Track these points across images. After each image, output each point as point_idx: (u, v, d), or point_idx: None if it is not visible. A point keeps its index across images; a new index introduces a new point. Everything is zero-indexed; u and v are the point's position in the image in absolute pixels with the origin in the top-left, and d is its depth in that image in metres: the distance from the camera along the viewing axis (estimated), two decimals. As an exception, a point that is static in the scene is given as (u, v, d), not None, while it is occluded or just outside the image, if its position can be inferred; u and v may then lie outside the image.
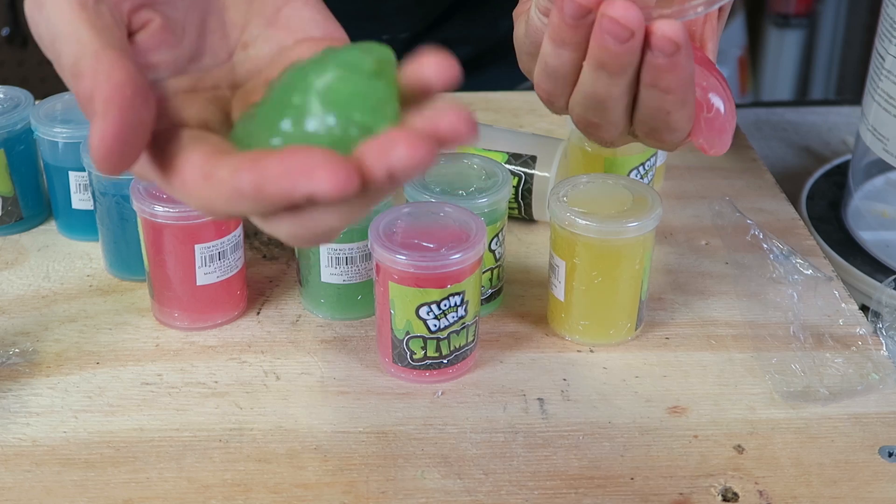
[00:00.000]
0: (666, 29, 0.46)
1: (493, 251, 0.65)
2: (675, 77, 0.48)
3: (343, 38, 0.46)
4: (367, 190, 0.35)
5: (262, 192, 0.35)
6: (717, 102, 0.52)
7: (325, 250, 0.64)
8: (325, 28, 0.46)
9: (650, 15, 0.47)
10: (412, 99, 0.38)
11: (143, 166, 0.40)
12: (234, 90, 0.44)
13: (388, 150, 0.34)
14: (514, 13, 0.56)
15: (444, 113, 0.35)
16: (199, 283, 0.63)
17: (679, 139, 0.52)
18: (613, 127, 0.52)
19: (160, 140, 0.39)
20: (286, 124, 0.37)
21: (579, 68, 0.50)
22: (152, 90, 0.39)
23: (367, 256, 0.64)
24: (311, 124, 0.36)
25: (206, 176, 0.37)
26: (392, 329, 0.60)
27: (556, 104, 0.53)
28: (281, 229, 0.38)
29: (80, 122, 0.71)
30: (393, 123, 0.36)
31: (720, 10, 0.54)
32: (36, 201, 0.76)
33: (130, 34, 0.41)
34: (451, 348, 0.60)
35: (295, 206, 0.36)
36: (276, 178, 0.35)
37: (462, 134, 0.35)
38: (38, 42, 0.40)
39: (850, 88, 2.09)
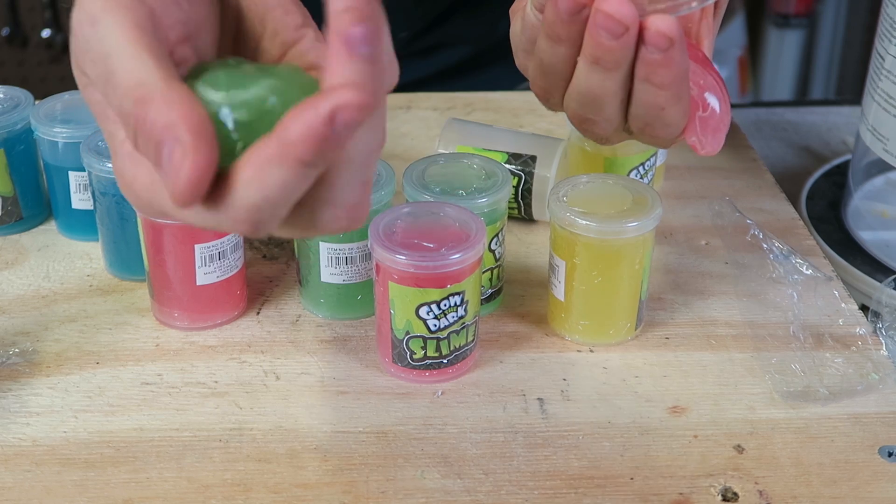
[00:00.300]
0: (660, 24, 0.46)
1: (493, 251, 0.65)
2: (670, 72, 0.48)
3: None
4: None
5: (286, 142, 0.36)
6: (713, 102, 0.52)
7: (325, 250, 0.64)
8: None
9: (644, 10, 0.47)
10: None
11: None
12: None
13: (329, 94, 0.36)
14: (510, 10, 0.56)
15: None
16: (199, 283, 0.63)
17: (673, 135, 0.52)
18: (608, 123, 0.52)
19: None
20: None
21: (574, 64, 0.50)
22: None
23: (367, 256, 0.64)
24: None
25: (231, 183, 0.38)
26: (392, 329, 0.60)
27: (552, 100, 0.54)
28: (316, 216, 0.39)
29: (80, 122, 0.71)
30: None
31: (716, 7, 0.54)
32: (36, 201, 0.76)
33: None
34: (451, 348, 0.60)
35: (320, 161, 0.37)
36: (294, 117, 0.36)
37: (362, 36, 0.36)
38: (81, 55, 0.40)
39: (850, 88, 2.09)
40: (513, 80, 1.01)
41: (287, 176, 0.36)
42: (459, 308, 0.59)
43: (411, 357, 0.60)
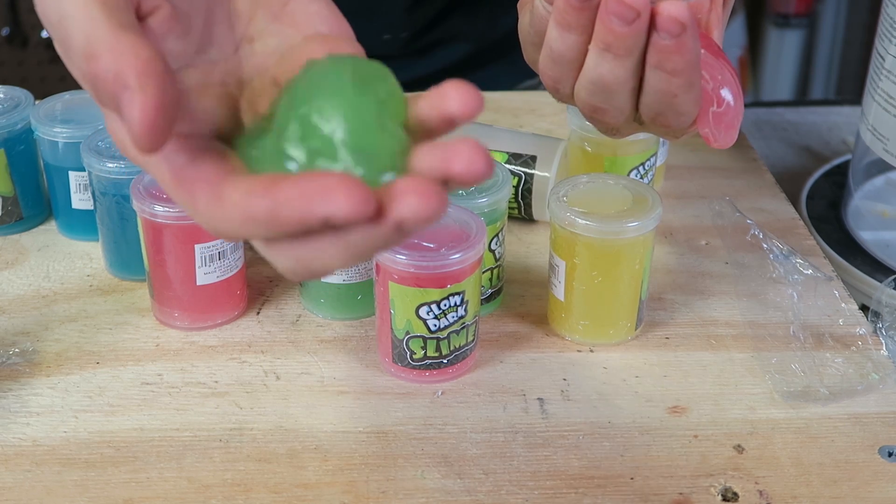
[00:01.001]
0: (672, 10, 0.46)
1: (493, 251, 0.65)
2: (681, 59, 0.47)
3: (350, 34, 0.45)
4: (375, 230, 0.35)
5: (276, 216, 0.35)
6: (729, 97, 0.52)
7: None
8: (332, 24, 0.45)
9: None
10: (428, 129, 0.38)
11: (158, 164, 0.39)
12: (241, 88, 0.43)
13: (400, 198, 0.34)
14: (518, 4, 0.56)
15: (458, 150, 0.35)
16: (199, 282, 0.63)
17: (685, 123, 0.51)
18: (619, 112, 0.52)
19: (174, 145, 0.39)
20: (299, 153, 0.36)
21: (585, 52, 0.50)
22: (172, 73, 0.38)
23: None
24: (323, 161, 0.36)
25: (218, 197, 0.37)
26: (392, 329, 0.60)
27: (562, 91, 0.53)
28: (282, 259, 0.38)
29: (80, 122, 0.71)
30: (403, 158, 0.36)
31: None
32: (36, 201, 0.76)
33: (139, 19, 0.40)
34: (451, 348, 0.60)
35: (306, 232, 0.35)
36: (292, 200, 0.34)
37: (478, 172, 0.35)
38: (43, 23, 0.39)
39: (850, 88, 2.09)
40: (513, 79, 1.01)
41: (268, 233, 0.36)
42: (459, 308, 0.59)
43: (411, 357, 0.60)
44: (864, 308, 0.70)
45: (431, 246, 0.58)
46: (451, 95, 0.37)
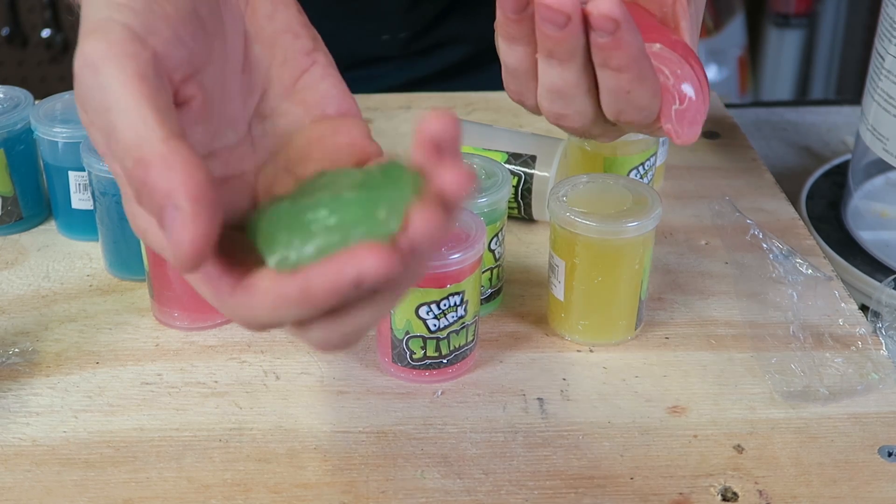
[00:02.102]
0: (602, 7, 0.45)
1: (492, 251, 0.65)
2: (624, 54, 0.47)
3: (356, 112, 0.46)
4: (400, 271, 0.36)
5: (308, 291, 0.35)
6: (689, 92, 0.51)
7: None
8: (340, 103, 0.46)
9: None
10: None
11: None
12: (257, 175, 0.44)
13: (411, 227, 0.35)
14: (495, 24, 0.56)
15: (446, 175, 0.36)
16: (198, 282, 0.63)
17: (649, 118, 0.51)
18: (581, 115, 0.51)
19: None
20: (315, 243, 0.37)
21: (536, 62, 0.50)
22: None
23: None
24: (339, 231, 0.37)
25: (246, 288, 0.37)
26: (392, 329, 0.60)
27: (527, 103, 0.53)
28: (314, 335, 0.38)
29: (80, 122, 0.71)
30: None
31: None
32: (36, 201, 0.76)
33: (175, 107, 0.40)
34: (451, 348, 0.60)
35: (338, 306, 0.36)
36: (322, 273, 0.35)
37: (463, 189, 0.36)
38: (83, 101, 0.39)
39: (850, 88, 2.09)
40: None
41: (301, 313, 0.37)
42: (459, 308, 0.59)
43: (411, 357, 0.60)
44: (863, 308, 0.70)
45: (431, 246, 0.58)
46: (428, 123, 0.37)
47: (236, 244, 0.39)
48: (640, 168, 0.75)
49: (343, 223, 0.36)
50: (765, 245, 0.70)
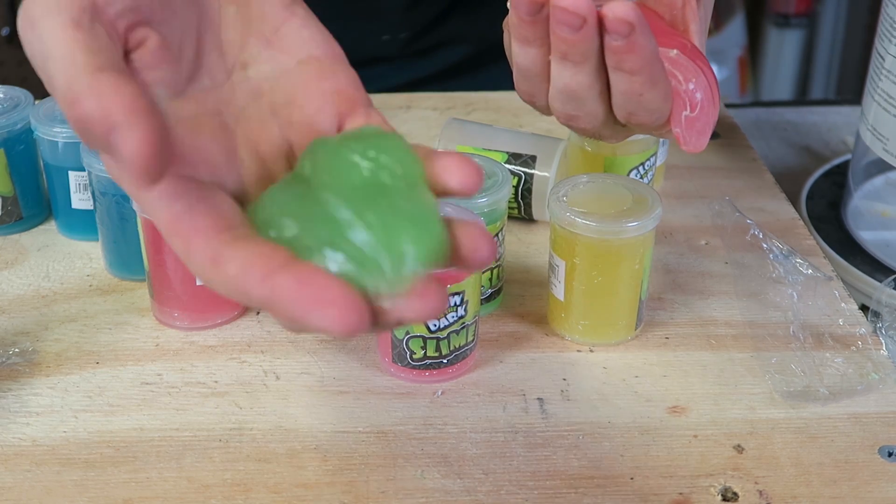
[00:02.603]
0: (618, 10, 0.46)
1: (492, 251, 0.65)
2: (637, 57, 0.47)
3: (341, 57, 0.46)
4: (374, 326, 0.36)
5: (271, 307, 0.35)
6: (701, 100, 0.51)
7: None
8: (324, 48, 0.45)
9: None
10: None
11: (156, 208, 0.39)
12: (237, 117, 0.43)
13: (404, 304, 0.35)
14: (503, 23, 0.56)
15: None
16: (199, 282, 0.63)
17: (660, 120, 0.51)
18: (592, 117, 0.52)
19: (172, 188, 0.39)
20: (314, 237, 0.37)
21: (548, 64, 0.50)
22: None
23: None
24: (337, 258, 0.36)
25: (215, 260, 0.37)
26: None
27: (538, 103, 0.53)
28: (279, 319, 0.38)
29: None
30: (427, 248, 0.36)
31: None
32: (36, 201, 0.76)
33: (126, 53, 0.40)
34: (451, 348, 0.60)
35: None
36: (288, 301, 0.35)
37: (485, 259, 0.37)
38: (30, 61, 0.39)
39: (850, 88, 2.09)
40: (513, 79, 1.01)
41: (254, 305, 0.37)
42: (459, 308, 0.59)
43: (411, 357, 0.60)
44: (864, 308, 0.70)
45: (431, 246, 0.58)
46: (451, 171, 0.38)
47: (219, 206, 0.39)
48: (640, 168, 0.75)
49: (346, 251, 0.36)
50: (765, 245, 0.70)
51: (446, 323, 0.59)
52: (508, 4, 0.50)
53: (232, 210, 0.39)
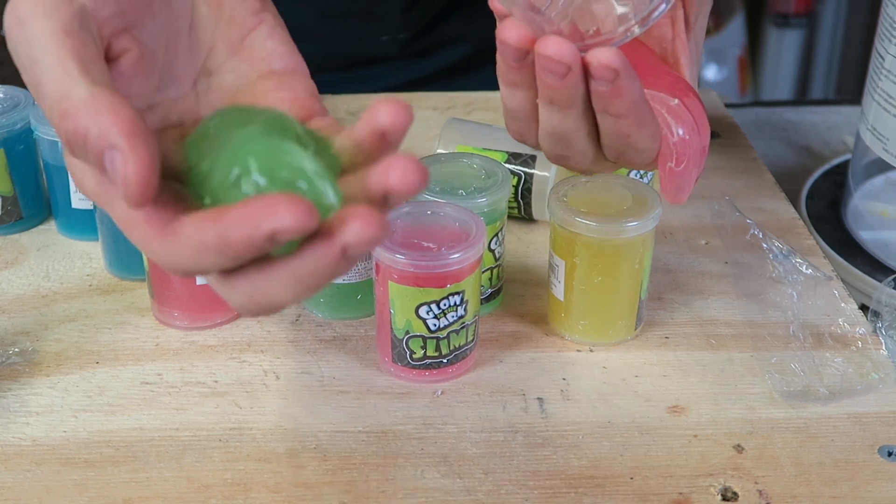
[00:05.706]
0: (601, 57, 0.46)
1: (492, 251, 0.65)
2: (624, 101, 0.47)
3: (303, 70, 0.47)
4: (322, 258, 0.36)
5: (226, 240, 0.35)
6: (686, 161, 0.52)
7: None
8: (287, 61, 0.46)
9: (586, 44, 0.47)
10: (367, 152, 0.40)
11: (114, 205, 0.40)
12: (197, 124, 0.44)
13: (344, 225, 0.36)
14: (496, 68, 0.56)
15: (394, 165, 0.37)
16: (199, 282, 0.63)
17: (648, 159, 0.52)
18: (582, 157, 0.52)
19: None
20: (244, 188, 0.37)
21: (537, 106, 0.50)
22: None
23: (367, 256, 0.64)
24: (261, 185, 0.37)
25: (172, 232, 0.37)
26: (392, 328, 0.60)
27: (528, 142, 0.54)
28: (235, 295, 0.38)
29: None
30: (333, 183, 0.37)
31: (687, 24, 0.53)
32: (36, 201, 0.76)
33: (108, 60, 0.41)
34: (451, 348, 0.60)
35: (257, 260, 0.37)
36: (239, 221, 0.35)
37: (414, 185, 0.37)
38: (15, 60, 0.39)
39: (850, 88, 2.09)
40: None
41: (219, 262, 0.37)
42: (459, 308, 0.59)
43: (411, 357, 0.60)
44: (863, 308, 0.70)
45: (431, 246, 0.58)
46: (380, 110, 0.39)
47: (171, 194, 0.40)
48: (640, 168, 0.75)
49: (279, 178, 0.37)
50: (765, 245, 0.70)
51: (446, 323, 0.59)
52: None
53: (189, 198, 0.40)
